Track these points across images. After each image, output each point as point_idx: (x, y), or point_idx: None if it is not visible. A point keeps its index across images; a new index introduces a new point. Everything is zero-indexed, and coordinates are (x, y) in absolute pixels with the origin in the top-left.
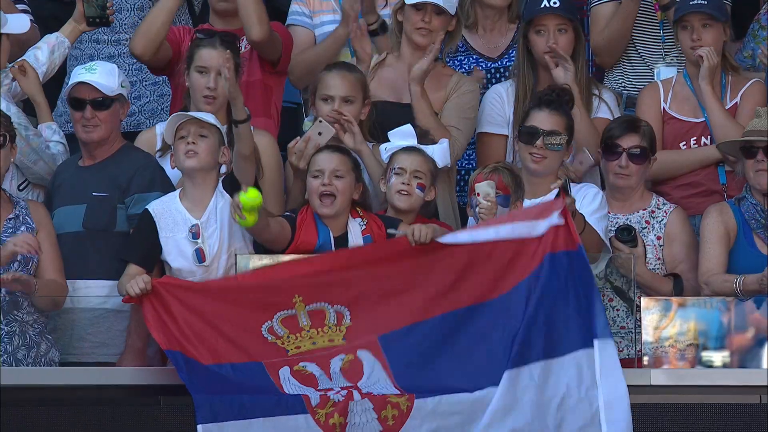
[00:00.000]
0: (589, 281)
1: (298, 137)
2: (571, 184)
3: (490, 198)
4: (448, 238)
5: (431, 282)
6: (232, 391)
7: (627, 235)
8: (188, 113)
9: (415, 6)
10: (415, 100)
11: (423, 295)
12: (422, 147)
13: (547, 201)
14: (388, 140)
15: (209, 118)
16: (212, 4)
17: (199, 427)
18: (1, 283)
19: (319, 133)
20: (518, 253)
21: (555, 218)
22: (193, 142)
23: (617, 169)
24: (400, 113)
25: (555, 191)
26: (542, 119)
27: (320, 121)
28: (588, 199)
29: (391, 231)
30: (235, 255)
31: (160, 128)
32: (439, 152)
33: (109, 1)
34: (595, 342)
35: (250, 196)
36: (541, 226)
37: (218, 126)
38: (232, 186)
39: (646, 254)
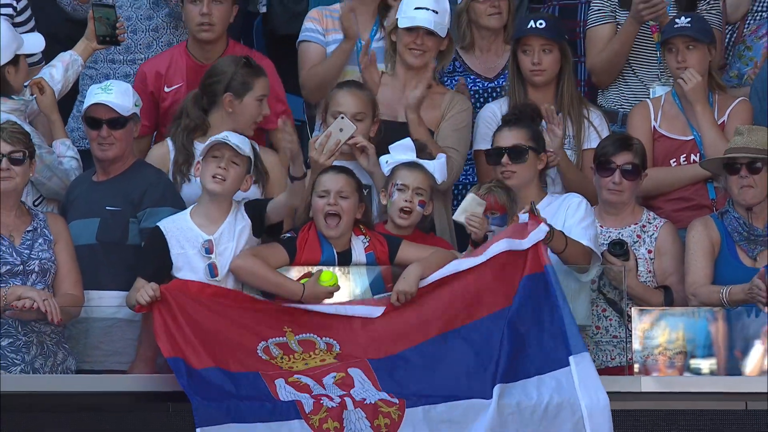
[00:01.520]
0: (558, 300)
1: (318, 134)
2: (555, 195)
3: (476, 216)
4: (432, 278)
5: (417, 310)
6: (230, 397)
7: (619, 249)
8: (229, 140)
9: (407, 28)
10: (412, 128)
11: (410, 323)
12: (422, 162)
13: (520, 224)
14: (388, 153)
15: (246, 148)
16: (193, 32)
17: (198, 430)
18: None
19: (341, 129)
20: (497, 278)
21: (540, 232)
22: (225, 168)
23: (611, 185)
24: (396, 131)
25: (525, 216)
26: (504, 138)
27: (342, 118)
28: (572, 210)
29: (378, 297)
30: None
31: (172, 144)
32: (438, 168)
33: (119, 21)
34: (570, 359)
35: (324, 279)
36: (525, 243)
37: (251, 157)
38: (255, 212)
39: (637, 267)
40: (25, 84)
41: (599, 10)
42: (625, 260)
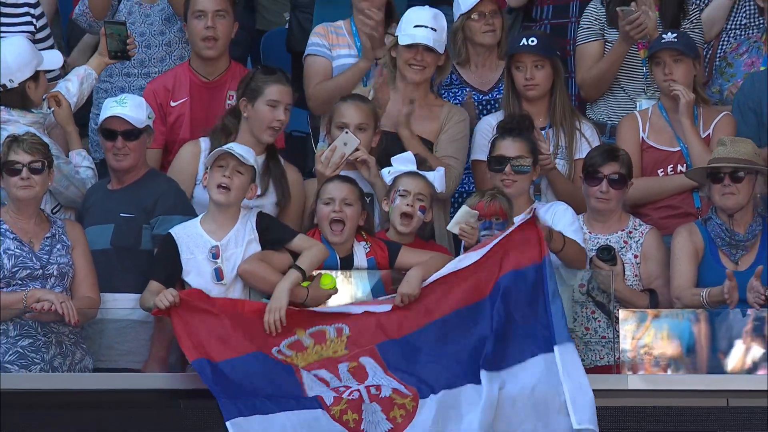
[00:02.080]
0: (551, 291)
1: (324, 147)
2: (540, 203)
3: (468, 226)
4: (433, 278)
5: (420, 300)
6: (255, 393)
7: (607, 254)
8: (233, 150)
9: (407, 45)
10: (406, 143)
11: (412, 309)
12: (423, 173)
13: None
14: (390, 165)
15: (250, 158)
16: (196, 49)
17: (228, 423)
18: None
19: (345, 144)
20: (488, 268)
21: (528, 214)
22: (229, 177)
23: (598, 194)
24: (397, 141)
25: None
26: (507, 147)
27: (346, 132)
28: (560, 215)
29: (381, 299)
30: None
31: (204, 143)
32: (438, 179)
33: (130, 38)
34: (555, 348)
35: (324, 283)
36: (517, 221)
37: (255, 166)
38: (263, 225)
39: (624, 272)
40: (43, 98)
41: (588, 28)
42: (612, 265)
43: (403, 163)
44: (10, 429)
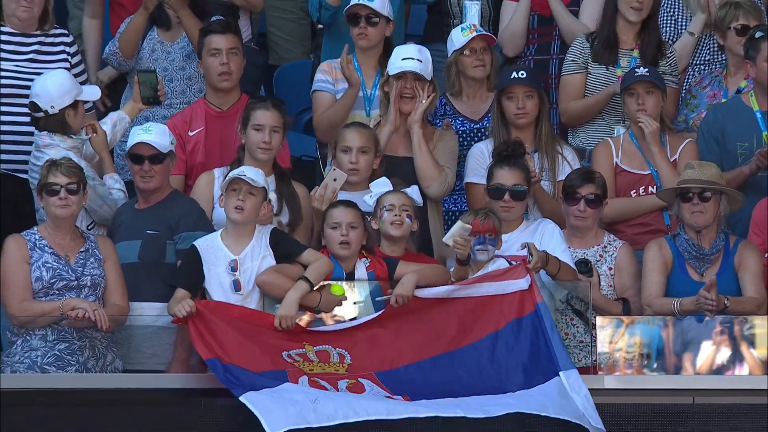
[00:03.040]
0: (549, 327)
1: (317, 186)
2: (530, 221)
3: (461, 239)
4: (425, 292)
5: (419, 332)
6: (261, 387)
7: (584, 267)
8: (244, 175)
9: (396, 75)
10: (416, 139)
11: (412, 340)
12: (402, 190)
13: (511, 267)
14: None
15: (260, 180)
16: (213, 83)
17: (241, 398)
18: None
19: (334, 179)
20: (490, 310)
21: (524, 284)
22: (243, 200)
23: (576, 212)
24: (395, 164)
25: (524, 251)
26: (504, 176)
27: (334, 169)
28: (548, 235)
29: (379, 299)
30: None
31: (218, 172)
32: (414, 193)
33: (159, 84)
34: (561, 373)
35: (334, 290)
36: (510, 287)
37: (266, 186)
38: (275, 240)
39: (600, 282)
40: (82, 127)
41: (573, 60)
42: (589, 276)
43: (381, 186)
44: (48, 424)
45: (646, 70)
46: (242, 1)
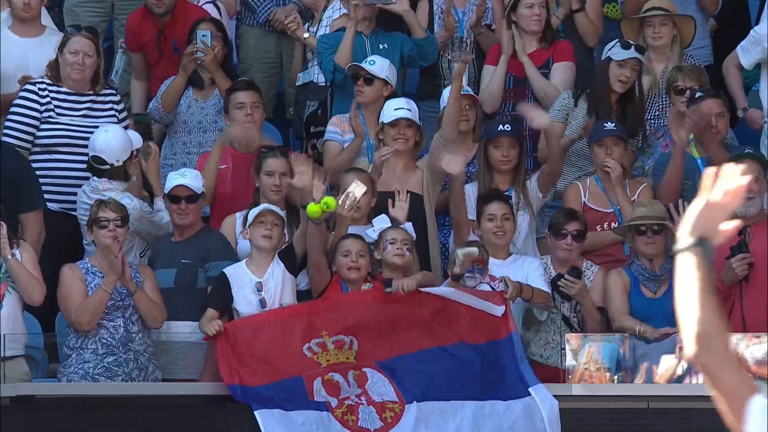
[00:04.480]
0: (519, 356)
1: (340, 195)
2: (517, 255)
3: (467, 261)
4: (429, 289)
5: (416, 327)
6: (276, 405)
7: (575, 272)
8: (270, 207)
9: (390, 123)
10: (455, 93)
11: (410, 335)
12: (401, 226)
13: (492, 292)
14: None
15: (281, 212)
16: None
17: (256, 413)
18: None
19: (355, 188)
20: (477, 320)
21: (499, 311)
22: (270, 229)
23: (564, 246)
24: (387, 198)
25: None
26: (495, 209)
27: (356, 183)
28: (533, 267)
29: (387, 290)
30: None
31: (239, 215)
32: (409, 228)
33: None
34: (530, 389)
35: (329, 203)
36: (491, 309)
37: (284, 218)
38: (286, 257)
39: (587, 287)
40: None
41: (558, 110)
42: (579, 279)
43: (382, 222)
44: (100, 426)
45: (613, 124)
46: None
